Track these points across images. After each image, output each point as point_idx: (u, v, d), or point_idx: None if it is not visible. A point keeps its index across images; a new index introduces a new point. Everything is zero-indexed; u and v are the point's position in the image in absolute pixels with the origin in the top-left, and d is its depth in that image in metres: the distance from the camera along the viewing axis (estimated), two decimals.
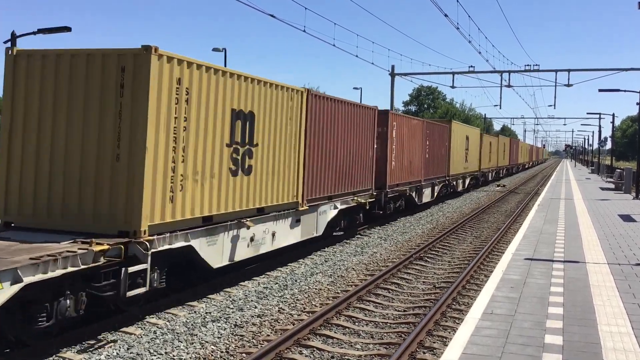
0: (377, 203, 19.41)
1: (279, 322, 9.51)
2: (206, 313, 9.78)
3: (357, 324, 9.59)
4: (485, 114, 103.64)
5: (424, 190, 25.67)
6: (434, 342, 8.61)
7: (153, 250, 8.68)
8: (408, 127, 23.08)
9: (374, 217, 20.08)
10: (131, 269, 8.22)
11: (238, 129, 11.02)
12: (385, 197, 20.12)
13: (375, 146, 18.99)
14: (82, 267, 7.57)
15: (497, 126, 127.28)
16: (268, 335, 8.83)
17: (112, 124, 8.77)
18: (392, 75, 39.12)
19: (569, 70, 36.80)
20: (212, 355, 7.96)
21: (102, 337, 8.46)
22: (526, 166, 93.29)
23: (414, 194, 23.84)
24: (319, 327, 9.14)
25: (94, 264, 7.74)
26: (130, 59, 8.72)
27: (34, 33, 21.32)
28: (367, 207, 18.16)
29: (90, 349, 7.98)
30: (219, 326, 9.13)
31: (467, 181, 37.77)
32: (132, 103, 8.69)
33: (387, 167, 20.43)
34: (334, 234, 16.89)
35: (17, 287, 6.71)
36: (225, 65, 24.19)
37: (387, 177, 20.38)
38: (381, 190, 19.79)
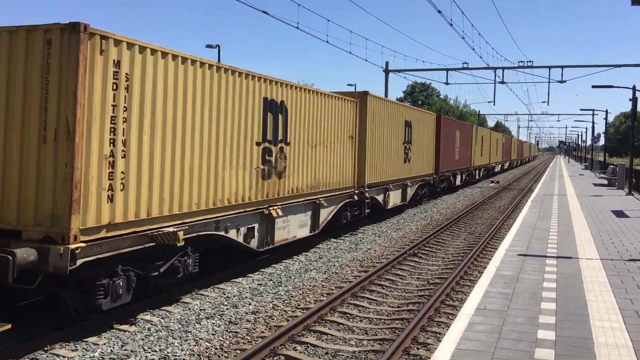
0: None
1: (273, 319, 9.52)
2: (200, 310, 9.78)
3: (351, 320, 9.62)
4: (479, 111, 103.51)
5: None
6: (428, 338, 8.64)
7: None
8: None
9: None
10: None
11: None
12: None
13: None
14: None
15: (491, 122, 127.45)
16: (262, 332, 8.85)
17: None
18: (386, 71, 39.12)
19: (562, 67, 36.88)
20: (206, 351, 7.97)
21: (96, 334, 8.45)
22: (504, 166, 68.17)
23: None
24: (313, 324, 9.16)
25: None
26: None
27: None
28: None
29: (84, 347, 7.97)
30: (213, 323, 9.14)
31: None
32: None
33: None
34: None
35: None
36: (219, 62, 24.07)
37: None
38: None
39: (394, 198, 22.05)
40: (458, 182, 35.73)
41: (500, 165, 61.49)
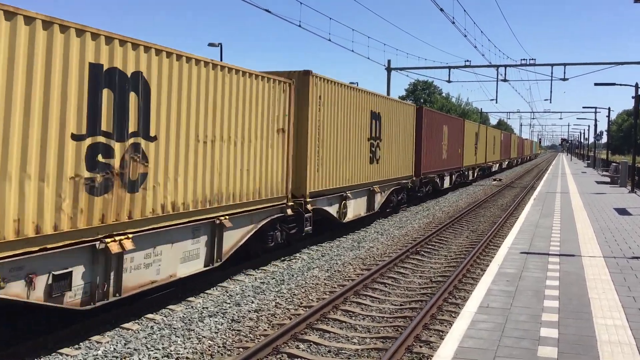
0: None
1: (276, 317, 9.53)
2: (203, 308, 9.79)
3: (354, 318, 9.62)
4: (481, 109, 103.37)
5: None
6: (431, 336, 8.64)
7: None
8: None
9: None
10: None
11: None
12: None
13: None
14: None
15: (493, 120, 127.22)
16: (265, 330, 8.86)
17: None
18: (388, 69, 39.10)
19: (564, 65, 36.87)
20: (209, 350, 7.98)
21: (99, 332, 8.47)
22: (503, 165, 63.23)
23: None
24: (315, 322, 9.17)
25: None
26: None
27: None
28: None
29: (88, 345, 7.99)
30: (216, 321, 9.15)
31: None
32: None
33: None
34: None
35: None
36: (221, 60, 23.77)
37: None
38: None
39: (356, 208, 18.09)
40: (447, 184, 31.81)
41: (498, 164, 58.22)
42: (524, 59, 37.57)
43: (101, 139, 8.12)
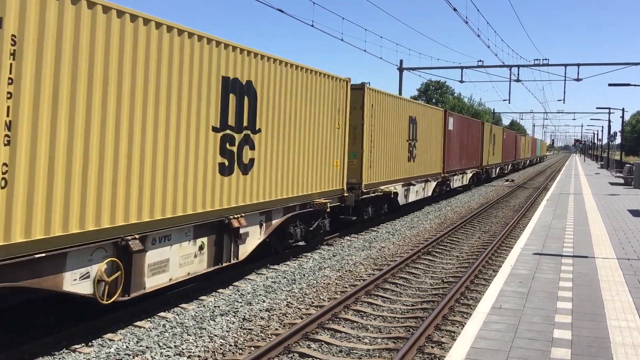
0: None
1: (287, 316, 9.54)
2: (215, 307, 9.82)
3: (365, 318, 9.61)
4: (494, 109, 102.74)
5: None
6: (442, 337, 8.61)
7: None
8: None
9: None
10: None
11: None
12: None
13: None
14: None
15: (505, 121, 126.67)
16: (276, 329, 8.87)
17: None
18: (401, 69, 39.00)
19: (578, 65, 36.58)
20: (221, 348, 8.00)
21: (112, 330, 8.52)
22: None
23: None
24: (327, 322, 9.16)
25: None
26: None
27: None
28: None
29: (100, 342, 8.04)
30: (228, 320, 9.18)
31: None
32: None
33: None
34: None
35: None
36: None
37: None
38: None
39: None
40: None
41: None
42: (537, 59, 37.46)
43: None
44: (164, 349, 7.89)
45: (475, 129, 35.80)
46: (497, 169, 46.98)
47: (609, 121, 64.49)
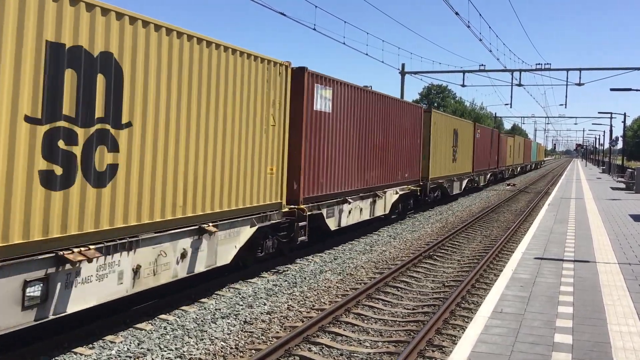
0: None
1: (288, 319, 9.55)
2: (216, 309, 9.83)
3: (366, 321, 9.61)
4: (495, 113, 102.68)
5: None
6: (443, 341, 8.61)
7: None
8: None
9: None
10: None
11: None
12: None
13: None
14: None
15: (507, 125, 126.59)
16: (277, 332, 8.87)
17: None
18: (402, 73, 39.03)
19: (580, 69, 36.57)
20: (221, 351, 8.01)
21: (113, 332, 8.53)
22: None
23: None
24: (328, 325, 9.17)
25: None
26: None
27: None
28: None
29: (102, 344, 8.05)
30: (229, 322, 9.18)
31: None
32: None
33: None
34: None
35: None
36: None
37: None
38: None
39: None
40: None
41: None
42: (539, 64, 37.31)
43: None
44: (165, 351, 7.90)
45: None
46: (465, 181, 32.86)
47: (611, 126, 64.62)
